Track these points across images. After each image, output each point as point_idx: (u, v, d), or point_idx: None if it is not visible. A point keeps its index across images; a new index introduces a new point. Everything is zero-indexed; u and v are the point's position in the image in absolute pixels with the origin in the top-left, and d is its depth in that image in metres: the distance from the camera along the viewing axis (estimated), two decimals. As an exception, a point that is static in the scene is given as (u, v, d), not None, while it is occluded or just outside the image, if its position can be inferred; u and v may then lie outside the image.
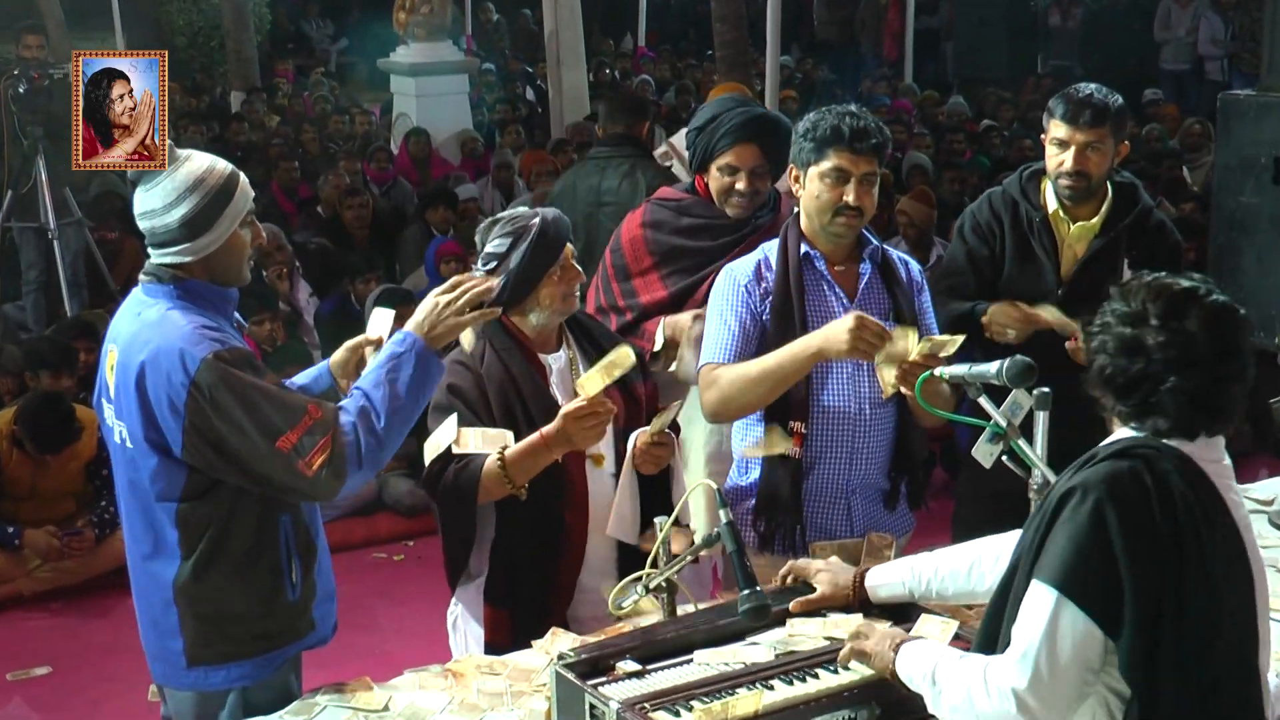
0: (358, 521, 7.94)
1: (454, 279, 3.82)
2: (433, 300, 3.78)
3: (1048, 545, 2.78)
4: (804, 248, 4.34)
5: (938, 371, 3.86)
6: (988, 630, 2.97)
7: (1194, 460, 2.84)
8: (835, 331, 4.05)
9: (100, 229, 10.33)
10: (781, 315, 4.30)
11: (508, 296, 4.19)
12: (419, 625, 6.73)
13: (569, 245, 4.23)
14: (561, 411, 3.98)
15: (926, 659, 3.04)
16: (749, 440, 4.45)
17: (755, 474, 4.42)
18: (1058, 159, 4.92)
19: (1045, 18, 20.57)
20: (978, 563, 3.47)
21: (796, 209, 4.45)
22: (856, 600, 3.65)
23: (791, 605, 3.64)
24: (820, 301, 4.33)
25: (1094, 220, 4.99)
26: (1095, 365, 2.88)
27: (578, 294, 4.28)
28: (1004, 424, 3.72)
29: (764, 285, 4.36)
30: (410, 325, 3.77)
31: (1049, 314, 4.82)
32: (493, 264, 4.19)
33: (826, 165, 4.23)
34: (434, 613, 4.75)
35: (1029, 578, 2.81)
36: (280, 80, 19.37)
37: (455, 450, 3.95)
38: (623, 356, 3.97)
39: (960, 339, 4.06)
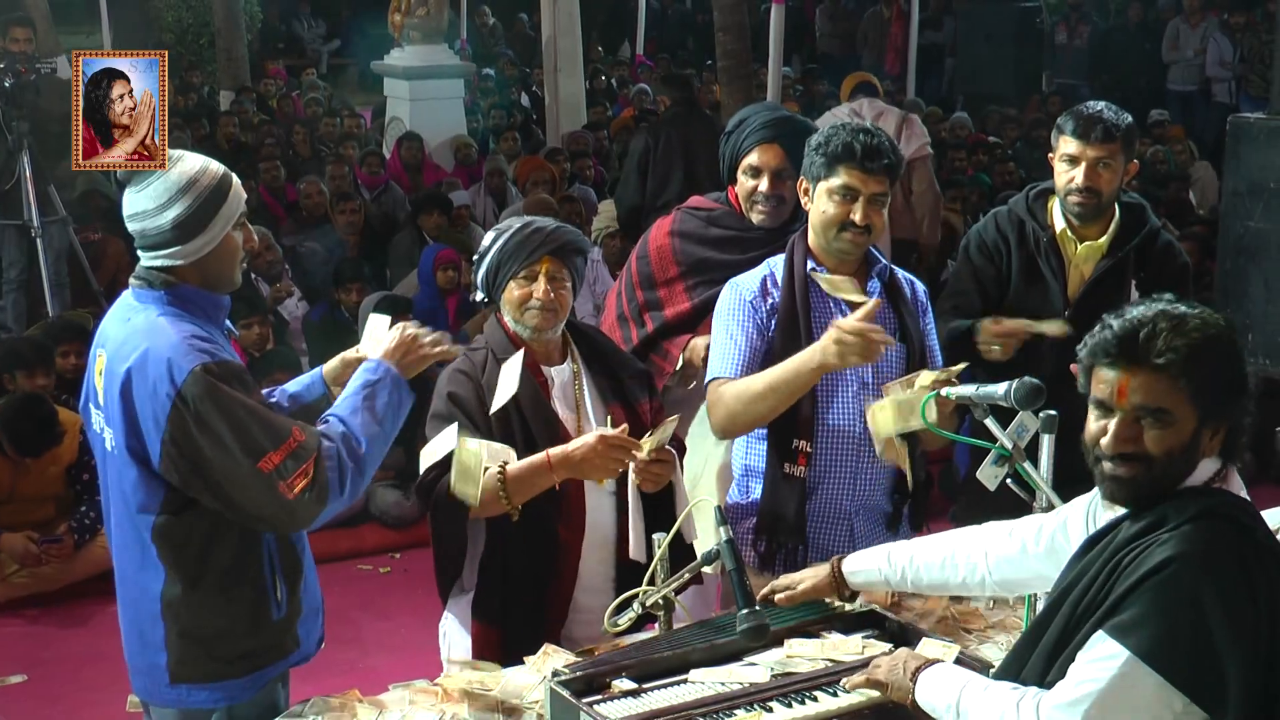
0: (343, 533, 7.92)
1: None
2: (402, 332, 3.89)
3: (1129, 604, 2.72)
4: (810, 264, 4.35)
5: (944, 392, 3.88)
6: (1017, 660, 2.97)
7: (1250, 503, 2.86)
8: (824, 343, 4.07)
9: (84, 229, 10.32)
10: (788, 332, 4.31)
11: (486, 292, 4.29)
12: (405, 639, 6.74)
13: (548, 260, 4.20)
14: (598, 431, 3.99)
15: (950, 686, 3.03)
16: (749, 456, 4.46)
17: (757, 492, 4.43)
18: (1068, 175, 4.94)
19: (1052, 35, 20.59)
20: (951, 556, 3.53)
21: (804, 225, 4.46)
22: (838, 588, 3.72)
23: (777, 598, 3.72)
24: (827, 319, 4.30)
25: (1102, 240, 5.02)
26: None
27: (544, 312, 4.21)
28: (1009, 446, 3.74)
29: (770, 301, 4.37)
30: (381, 354, 3.85)
31: (1033, 324, 4.87)
32: (478, 256, 4.30)
33: (836, 182, 4.24)
34: (420, 626, 4.76)
35: (1096, 626, 2.77)
36: (271, 80, 19.39)
37: None
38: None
39: (961, 367, 4.08)
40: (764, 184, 4.98)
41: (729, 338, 4.36)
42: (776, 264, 4.44)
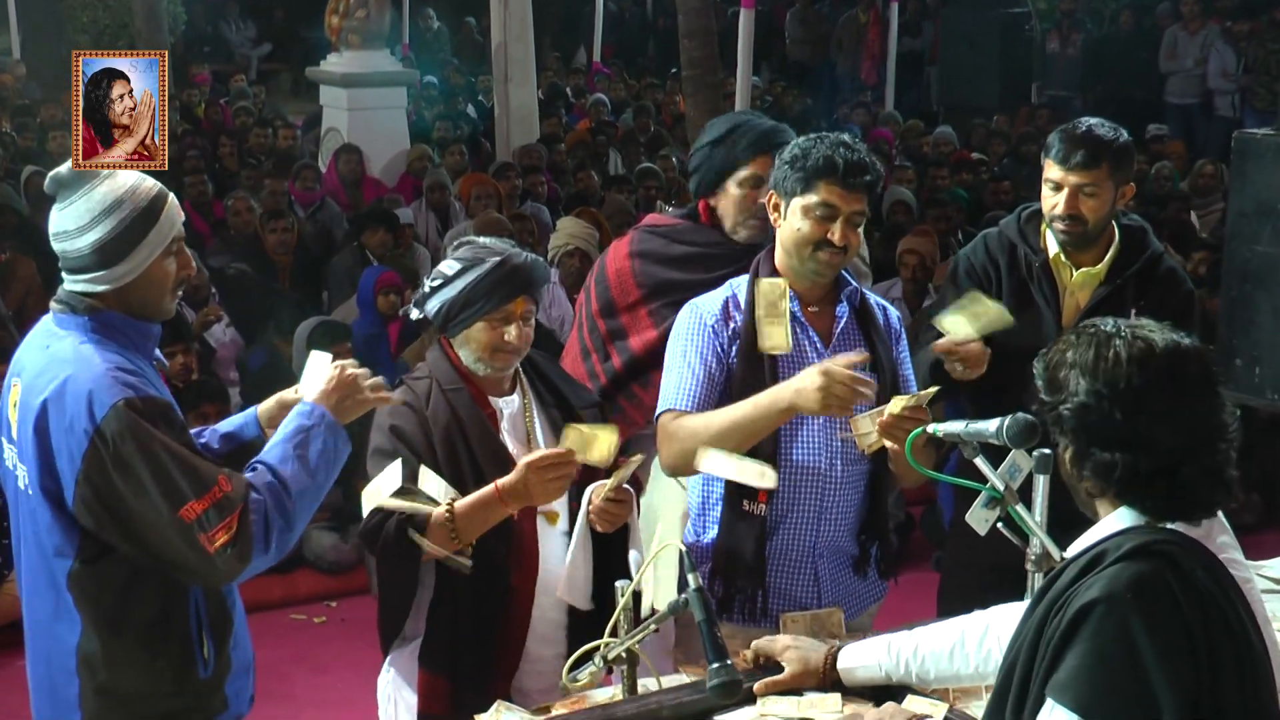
0: (276, 579, 7.80)
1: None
2: (341, 371, 3.84)
3: (1066, 660, 2.74)
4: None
5: (931, 428, 3.86)
6: None
7: (1207, 547, 2.85)
8: (806, 386, 4.04)
9: (-10, 249, 10.26)
10: (749, 359, 4.29)
11: (441, 321, 4.23)
12: (342, 695, 6.69)
13: (524, 300, 4.22)
14: (523, 460, 3.98)
15: None
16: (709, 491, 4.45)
17: (713, 533, 4.42)
18: (1051, 201, 4.95)
19: (1042, 43, 20.60)
20: (960, 644, 3.48)
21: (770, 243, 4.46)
22: (829, 682, 3.65)
23: (756, 687, 3.64)
24: (793, 346, 4.28)
25: (1099, 266, 5.01)
26: (1071, 453, 2.90)
27: (513, 356, 4.26)
28: (1001, 487, 3.72)
29: (732, 326, 4.35)
30: (315, 397, 3.80)
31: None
32: (439, 281, 4.24)
33: (814, 199, 4.23)
34: (358, 680, 4.75)
35: (1041, 689, 2.77)
36: (195, 88, 19.30)
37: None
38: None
39: (934, 390, 4.08)
40: (765, 197, 4.93)
41: (685, 365, 4.33)
42: (740, 285, 4.42)
